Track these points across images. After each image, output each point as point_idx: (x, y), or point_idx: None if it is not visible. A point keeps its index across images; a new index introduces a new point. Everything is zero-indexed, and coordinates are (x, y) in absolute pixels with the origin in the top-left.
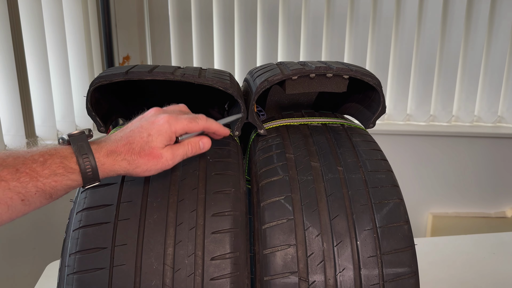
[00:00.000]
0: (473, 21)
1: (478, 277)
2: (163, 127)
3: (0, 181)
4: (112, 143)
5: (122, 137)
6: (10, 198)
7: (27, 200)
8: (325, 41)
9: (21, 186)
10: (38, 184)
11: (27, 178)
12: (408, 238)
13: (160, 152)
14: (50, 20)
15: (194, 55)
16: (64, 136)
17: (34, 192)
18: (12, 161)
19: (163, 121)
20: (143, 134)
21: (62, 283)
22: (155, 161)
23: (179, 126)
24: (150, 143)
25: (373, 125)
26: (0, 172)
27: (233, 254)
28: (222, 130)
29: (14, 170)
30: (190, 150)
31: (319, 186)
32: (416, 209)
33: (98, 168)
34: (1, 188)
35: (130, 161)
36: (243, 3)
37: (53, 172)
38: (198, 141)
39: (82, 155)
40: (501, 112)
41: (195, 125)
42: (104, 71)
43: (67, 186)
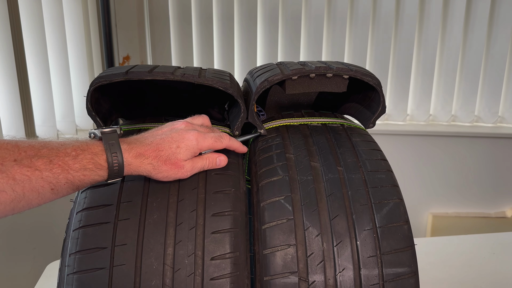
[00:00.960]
0: (473, 21)
1: (478, 277)
2: (191, 143)
3: (35, 170)
4: (142, 146)
5: (152, 142)
6: (41, 186)
7: (56, 190)
8: (325, 41)
9: (53, 176)
10: (68, 176)
11: (59, 170)
12: (408, 238)
13: (182, 164)
14: (50, 20)
15: (194, 55)
16: (97, 132)
17: (63, 183)
18: (47, 152)
19: (193, 138)
20: (173, 145)
21: (62, 283)
22: (176, 170)
23: (205, 144)
24: (177, 154)
25: (373, 125)
26: (35, 161)
27: (233, 254)
28: (242, 149)
29: (48, 161)
30: (207, 164)
31: (319, 186)
32: (416, 209)
33: (124, 167)
34: (34, 177)
35: (155, 166)
36: (243, 3)
37: (83, 166)
38: (216, 157)
39: (112, 154)
40: (501, 112)
41: (219, 144)
42: (104, 71)
43: (93, 180)
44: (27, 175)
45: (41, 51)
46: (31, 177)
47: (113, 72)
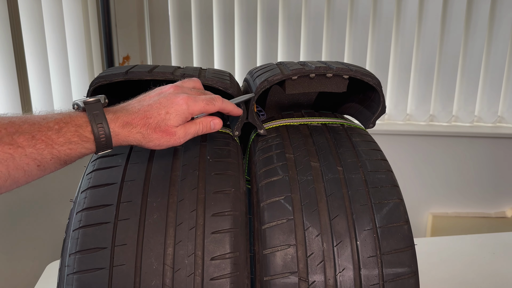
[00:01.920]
0: (473, 21)
1: (478, 277)
2: (181, 108)
3: (17, 148)
4: (128, 115)
5: (139, 110)
6: (26, 164)
7: (42, 166)
8: (325, 41)
9: (37, 152)
10: (53, 151)
11: (42, 145)
12: (408, 238)
13: (174, 130)
14: (50, 20)
15: (194, 55)
16: (79, 102)
17: (49, 159)
18: (28, 127)
19: (182, 102)
20: (161, 111)
21: (62, 283)
22: (168, 138)
23: (196, 107)
24: (167, 121)
25: (373, 125)
26: (17, 138)
27: (233, 254)
28: (236, 111)
29: (30, 137)
30: (201, 129)
31: (319, 186)
32: (416, 209)
33: (112, 138)
34: (18, 154)
35: (144, 134)
36: (243, 3)
37: (68, 140)
38: (209, 121)
39: (97, 125)
40: (501, 112)
41: (211, 106)
42: (104, 71)
43: (81, 153)
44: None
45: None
46: (14, 155)
47: (113, 72)
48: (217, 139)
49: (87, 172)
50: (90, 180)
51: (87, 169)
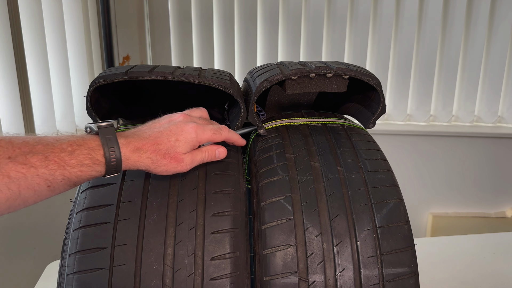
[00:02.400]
0: (473, 21)
1: (478, 277)
2: (190, 136)
3: (30, 168)
4: (139, 140)
5: (150, 136)
6: (37, 184)
7: (52, 187)
8: (325, 41)
9: (49, 173)
10: (65, 173)
11: (55, 166)
12: (408, 238)
13: (182, 157)
14: (50, 20)
15: (194, 55)
16: (93, 126)
17: (60, 180)
18: (42, 148)
19: (192, 130)
20: (171, 138)
21: (62, 283)
22: (175, 164)
23: (204, 136)
24: (176, 148)
25: (373, 125)
26: (30, 158)
27: (233, 254)
28: (241, 141)
29: (43, 158)
30: (207, 157)
31: (319, 186)
32: (416, 209)
33: (122, 163)
34: (30, 174)
35: (154, 160)
36: (243, 3)
37: (80, 162)
38: (215, 150)
39: (109, 149)
40: (501, 112)
41: (218, 136)
42: (104, 71)
43: (90, 176)
44: (22, 173)
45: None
46: (26, 175)
47: (113, 72)
48: None
49: None
50: (90, 180)
51: None
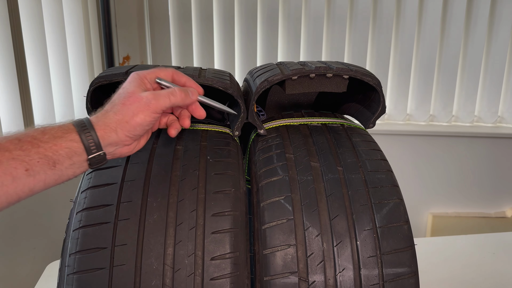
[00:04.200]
0: (473, 21)
1: (478, 277)
2: (132, 77)
3: (4, 152)
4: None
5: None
6: (14, 167)
7: (31, 170)
8: (325, 41)
9: (24, 154)
10: (39, 150)
11: (29, 146)
12: (408, 238)
13: (138, 95)
14: (50, 20)
15: (194, 55)
16: None
17: (37, 160)
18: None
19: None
20: (119, 90)
21: (62, 283)
22: (136, 103)
23: (146, 71)
24: (124, 90)
25: (373, 125)
26: (4, 143)
27: (233, 254)
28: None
29: (17, 140)
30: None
31: (319, 186)
32: (416, 209)
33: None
34: (5, 158)
35: (115, 111)
36: (243, 3)
37: (52, 136)
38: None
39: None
40: (501, 112)
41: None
42: (104, 71)
43: (68, 149)
44: None
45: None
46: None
47: (113, 72)
48: (217, 139)
49: (87, 172)
50: (90, 180)
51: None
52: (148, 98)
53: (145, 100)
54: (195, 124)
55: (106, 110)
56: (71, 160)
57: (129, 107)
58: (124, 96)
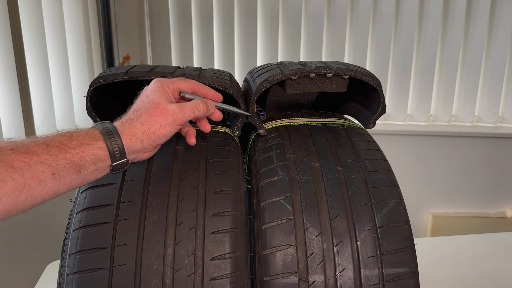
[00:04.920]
0: (473, 21)
1: (478, 277)
2: (155, 85)
3: (32, 156)
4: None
5: (129, 111)
6: (41, 171)
7: (57, 174)
8: (325, 41)
9: (51, 158)
10: (67, 156)
11: (56, 151)
12: (408, 238)
13: (164, 107)
14: (50, 20)
15: (194, 55)
16: None
17: (63, 165)
18: (42, 139)
19: (153, 82)
20: (143, 98)
21: (62, 283)
22: (163, 115)
23: (169, 82)
24: (152, 101)
25: (373, 125)
26: (32, 147)
27: (233, 254)
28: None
29: (44, 145)
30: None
31: (319, 186)
32: (416, 209)
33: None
34: (33, 162)
35: (142, 122)
36: (243, 3)
37: (79, 142)
38: (205, 102)
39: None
40: (502, 112)
41: (184, 81)
42: (104, 71)
43: (94, 156)
44: (25, 161)
45: (41, 51)
46: (29, 163)
47: (113, 72)
48: (217, 139)
49: None
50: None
51: None
52: (174, 112)
53: (172, 113)
54: (195, 124)
55: (131, 119)
56: (95, 166)
57: (156, 119)
58: (150, 107)
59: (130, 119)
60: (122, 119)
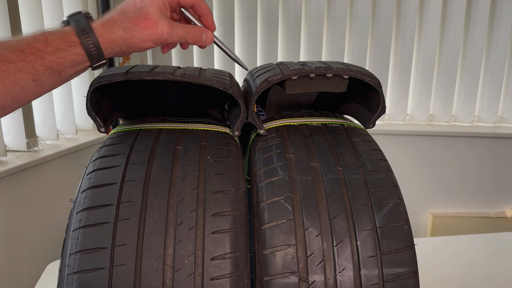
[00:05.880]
0: (473, 21)
1: (478, 277)
2: None
3: (9, 63)
4: (107, 15)
5: (116, 8)
6: (21, 78)
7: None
8: (325, 41)
9: (29, 66)
10: (44, 62)
11: (33, 58)
12: (408, 238)
13: (155, 20)
14: (50, 20)
15: (194, 55)
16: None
17: (42, 71)
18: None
19: None
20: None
21: (62, 283)
22: (150, 30)
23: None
24: (144, 8)
25: (373, 125)
26: (6, 54)
27: (233, 254)
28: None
29: (19, 52)
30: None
31: (319, 186)
32: (416, 209)
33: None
34: (11, 70)
35: (125, 28)
36: (243, 3)
37: (56, 48)
38: (202, 32)
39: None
40: (501, 112)
41: None
42: (104, 71)
43: (72, 61)
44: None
45: None
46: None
47: (113, 72)
48: (217, 139)
49: (87, 172)
50: (90, 180)
51: (87, 169)
52: (163, 30)
53: (159, 31)
54: (195, 124)
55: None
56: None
57: (141, 31)
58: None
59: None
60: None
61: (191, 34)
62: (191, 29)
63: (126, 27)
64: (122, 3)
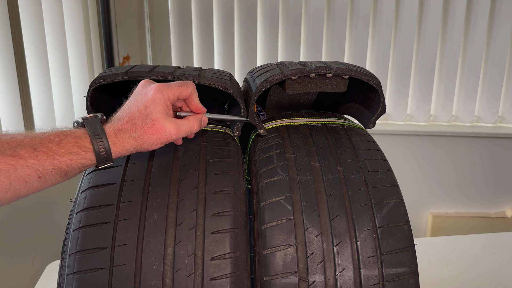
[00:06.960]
0: (473, 21)
1: (478, 277)
2: (156, 96)
3: (19, 159)
4: (117, 123)
5: (123, 115)
6: (28, 175)
7: (43, 177)
8: (325, 41)
9: (38, 163)
10: (54, 162)
11: (44, 156)
12: (408, 238)
13: (162, 125)
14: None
15: (194, 55)
16: (79, 119)
17: (50, 170)
18: (30, 141)
19: (154, 90)
20: (141, 108)
21: (62, 283)
22: (158, 135)
23: (171, 92)
24: (150, 115)
25: (373, 125)
26: (19, 151)
27: (233, 254)
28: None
29: (32, 149)
30: (195, 127)
31: (319, 186)
32: (416, 209)
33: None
34: (19, 166)
35: (136, 137)
36: (243, 3)
37: (68, 151)
38: (200, 119)
39: (95, 136)
40: (502, 112)
41: (185, 89)
42: (104, 71)
43: (81, 164)
44: (12, 164)
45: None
46: (16, 166)
47: (113, 72)
48: (217, 139)
49: (87, 172)
50: (90, 180)
51: (87, 169)
52: (170, 132)
53: (167, 134)
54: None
55: (125, 130)
56: (81, 170)
57: (150, 137)
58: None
59: (124, 130)
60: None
61: (195, 126)
62: (193, 121)
63: (136, 136)
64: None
